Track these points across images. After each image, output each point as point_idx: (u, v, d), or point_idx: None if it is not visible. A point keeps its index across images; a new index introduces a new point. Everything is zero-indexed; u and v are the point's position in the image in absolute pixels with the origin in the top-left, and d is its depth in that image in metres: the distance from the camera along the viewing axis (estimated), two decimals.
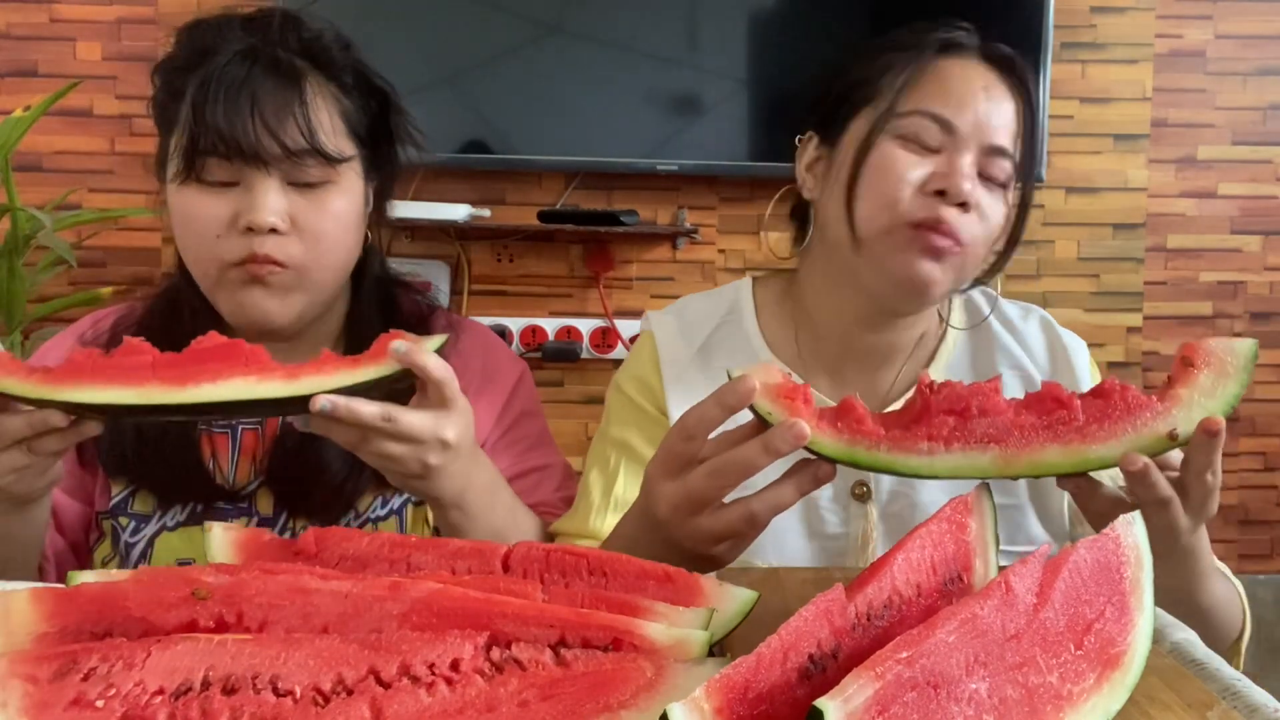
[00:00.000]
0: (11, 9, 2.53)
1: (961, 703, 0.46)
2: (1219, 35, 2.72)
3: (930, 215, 0.97)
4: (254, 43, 1.00)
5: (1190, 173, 2.75)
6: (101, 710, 0.47)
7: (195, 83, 0.98)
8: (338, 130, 1.03)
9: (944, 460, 0.72)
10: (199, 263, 1.02)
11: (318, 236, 1.00)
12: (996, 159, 1.01)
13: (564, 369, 2.65)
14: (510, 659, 0.52)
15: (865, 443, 0.73)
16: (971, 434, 0.73)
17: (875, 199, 1.00)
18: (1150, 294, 2.77)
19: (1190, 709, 0.55)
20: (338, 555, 0.67)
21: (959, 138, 1.00)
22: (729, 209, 2.65)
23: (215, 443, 1.07)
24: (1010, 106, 1.03)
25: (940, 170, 0.99)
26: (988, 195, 1.01)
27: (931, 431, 0.73)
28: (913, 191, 0.99)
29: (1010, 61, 1.05)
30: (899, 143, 1.01)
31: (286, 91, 0.99)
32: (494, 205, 2.58)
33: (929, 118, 1.00)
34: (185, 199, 1.00)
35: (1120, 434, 0.72)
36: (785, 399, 0.74)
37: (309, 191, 1.00)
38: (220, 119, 0.96)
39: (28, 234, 2.18)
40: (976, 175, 1.00)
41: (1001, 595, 0.52)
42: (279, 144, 0.97)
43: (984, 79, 1.03)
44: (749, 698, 0.45)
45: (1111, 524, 0.59)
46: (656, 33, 2.50)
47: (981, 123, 1.00)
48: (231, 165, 0.98)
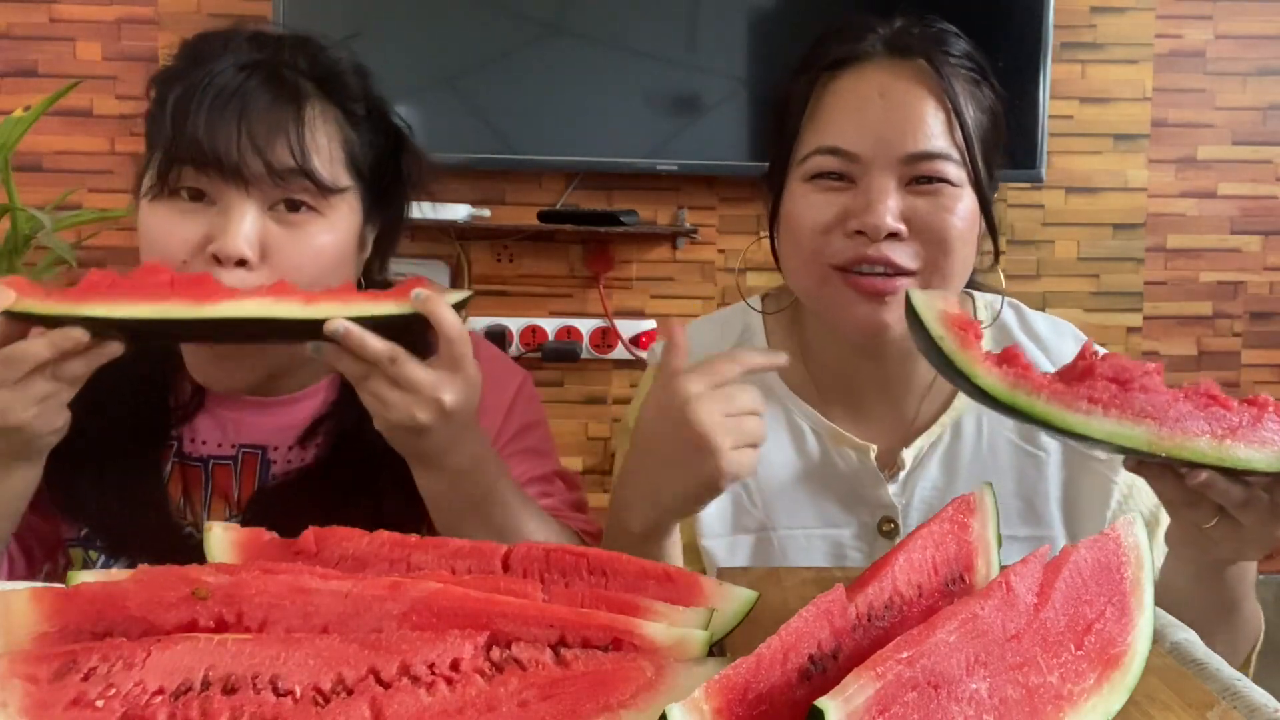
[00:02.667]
0: (11, 9, 2.53)
1: (962, 703, 0.46)
2: (1219, 35, 2.71)
3: (854, 257, 0.90)
4: (258, 57, 0.92)
5: (1190, 173, 2.75)
6: (101, 710, 0.47)
7: (180, 88, 0.89)
8: (335, 158, 0.93)
9: (1100, 423, 0.71)
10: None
11: (293, 273, 0.89)
12: (922, 163, 0.90)
13: (564, 369, 2.65)
14: (510, 659, 0.52)
15: (1027, 387, 0.72)
16: (1130, 405, 0.71)
17: (797, 253, 0.94)
18: (1150, 294, 2.77)
19: (1190, 709, 0.55)
20: (338, 555, 0.67)
21: (865, 163, 0.90)
22: (729, 209, 2.65)
23: (187, 477, 1.01)
24: (924, 100, 0.91)
25: (854, 207, 0.90)
26: (927, 200, 0.91)
27: (1093, 394, 0.72)
28: (830, 235, 0.91)
29: (915, 46, 0.93)
30: (810, 186, 0.93)
31: (282, 108, 0.90)
32: (494, 205, 2.58)
33: (827, 153, 0.92)
34: (154, 216, 0.91)
35: (1269, 443, 0.71)
36: (959, 328, 0.75)
37: (291, 220, 0.91)
38: (201, 127, 0.87)
39: (28, 234, 2.18)
40: (903, 190, 0.90)
41: (1002, 595, 0.52)
42: (263, 161, 0.88)
43: (880, 83, 0.92)
44: (749, 698, 0.45)
45: (1112, 524, 0.59)
46: (656, 33, 2.50)
47: (887, 136, 0.90)
48: (207, 180, 0.89)
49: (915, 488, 1.01)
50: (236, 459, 1.01)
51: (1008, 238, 2.70)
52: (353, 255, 0.98)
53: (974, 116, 0.94)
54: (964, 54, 0.95)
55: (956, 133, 0.91)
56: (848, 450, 1.02)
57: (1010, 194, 2.70)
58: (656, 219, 2.65)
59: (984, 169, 0.94)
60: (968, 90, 0.94)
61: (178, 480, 1.01)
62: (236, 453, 1.01)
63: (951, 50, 0.94)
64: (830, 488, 1.02)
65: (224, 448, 1.02)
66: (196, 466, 1.01)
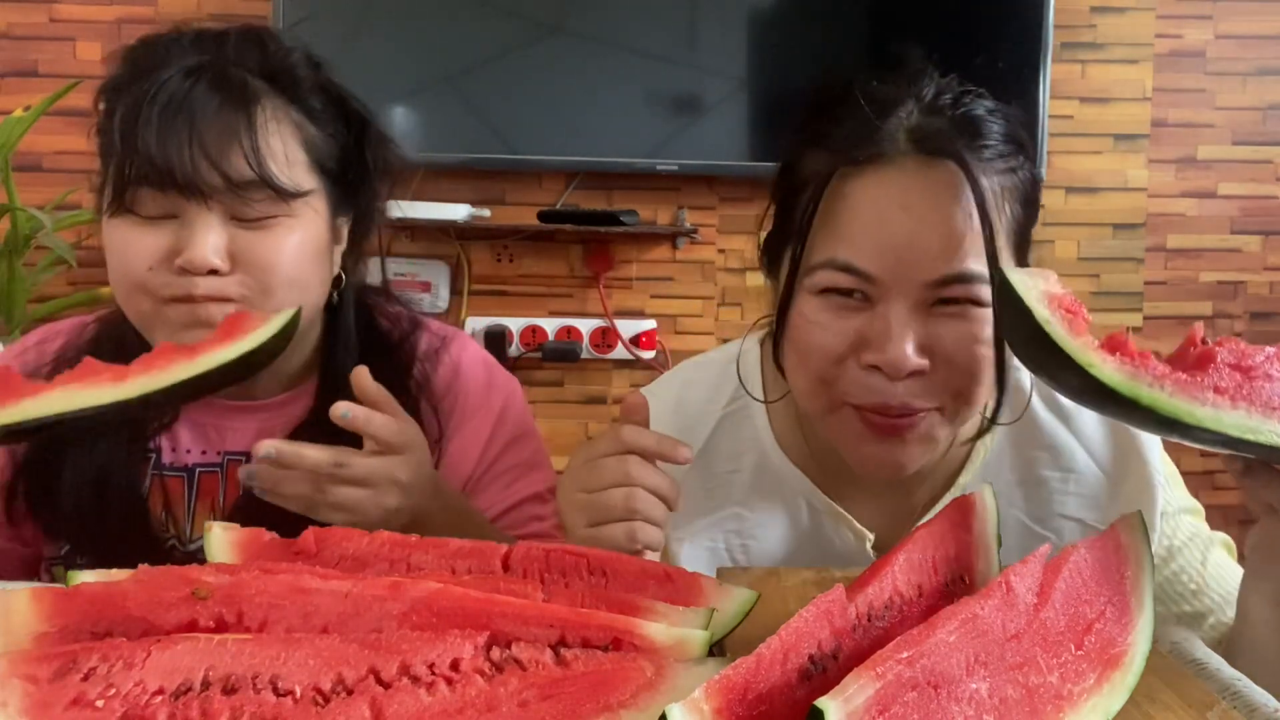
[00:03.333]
0: (11, 9, 2.53)
1: (962, 702, 0.46)
2: (1219, 35, 2.71)
3: (874, 399, 0.80)
4: (203, 60, 0.88)
5: (1190, 173, 2.75)
6: (101, 710, 0.47)
7: (128, 102, 0.87)
8: (295, 161, 0.90)
9: (1231, 417, 0.61)
10: (130, 300, 0.90)
11: (265, 274, 0.88)
12: (950, 287, 0.79)
13: (564, 369, 2.65)
14: (510, 659, 0.52)
15: (1148, 378, 0.62)
16: (1259, 396, 0.62)
17: (805, 374, 0.84)
18: (1150, 294, 2.77)
19: (1190, 709, 0.55)
20: (338, 555, 0.67)
21: (883, 287, 0.79)
22: (729, 209, 2.65)
23: (168, 489, 0.98)
24: (954, 215, 0.78)
25: (870, 333, 0.79)
26: (952, 326, 0.80)
27: (1219, 383, 0.63)
28: (844, 364, 0.81)
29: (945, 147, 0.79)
30: (820, 303, 0.81)
31: (232, 114, 0.86)
32: (494, 205, 2.57)
33: (840, 269, 0.80)
34: (116, 232, 0.89)
35: None
36: (1066, 311, 0.65)
37: (257, 227, 0.88)
38: (153, 144, 0.84)
39: (28, 234, 2.18)
40: (927, 313, 0.79)
41: (1002, 595, 0.52)
42: (220, 174, 0.85)
43: (904, 193, 0.79)
44: (749, 698, 0.45)
45: (1112, 524, 0.59)
46: (656, 33, 2.50)
47: (908, 258, 0.78)
48: (165, 197, 0.86)
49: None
50: (222, 466, 1.00)
51: None
52: (325, 250, 0.95)
53: (1008, 216, 0.82)
54: (1001, 138, 0.82)
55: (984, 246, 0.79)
56: (845, 532, 0.95)
57: None
58: (656, 219, 2.65)
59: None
60: (1002, 185, 0.82)
61: (158, 493, 0.99)
62: (222, 460, 1.00)
63: (987, 140, 0.81)
64: (824, 563, 0.95)
65: (209, 455, 1.00)
66: (179, 476, 1.00)
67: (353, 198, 0.98)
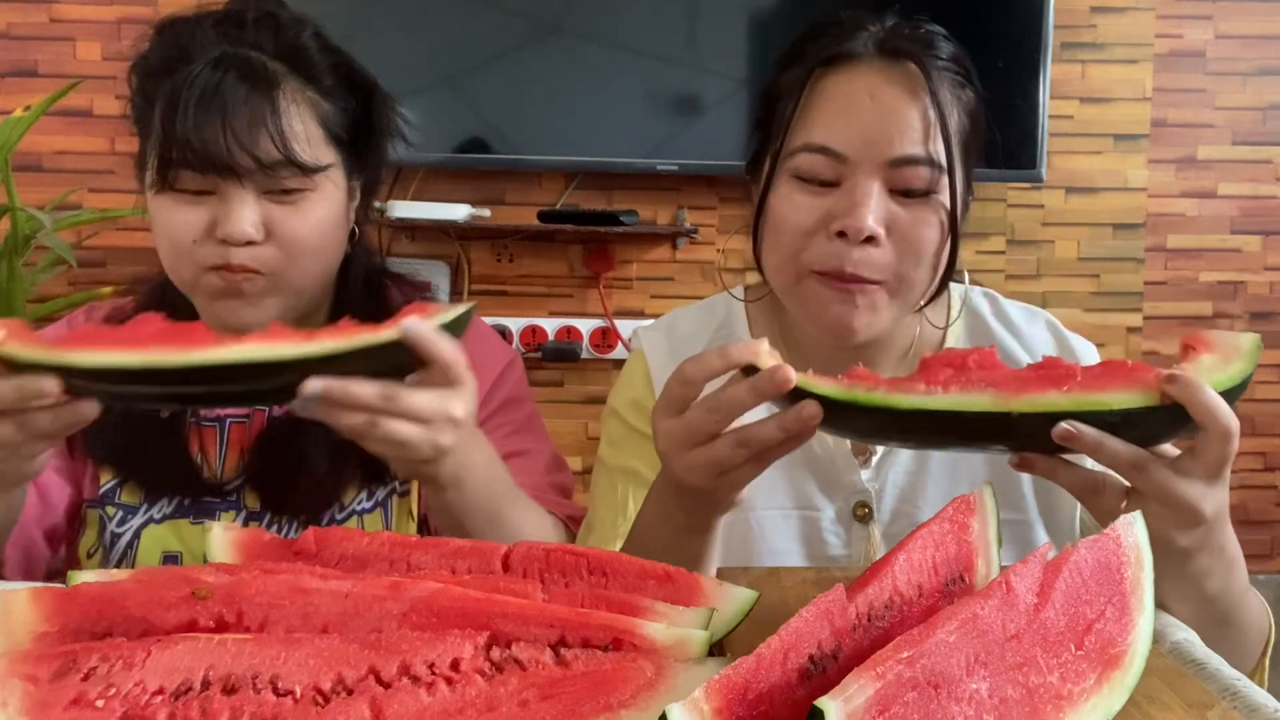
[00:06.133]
0: (11, 9, 2.53)
1: (962, 703, 0.46)
2: (1219, 35, 2.72)
3: (833, 263, 0.92)
4: (226, 48, 0.97)
5: (1190, 173, 2.75)
6: (101, 710, 0.47)
7: (166, 92, 0.96)
8: (314, 138, 1.00)
9: (941, 398, 0.71)
10: (176, 269, 1.01)
11: (294, 244, 0.98)
12: (906, 169, 0.92)
13: (564, 369, 2.65)
14: (510, 659, 0.52)
15: (863, 386, 0.73)
16: (970, 380, 0.72)
17: (777, 250, 0.96)
18: (1150, 294, 2.77)
19: (1190, 709, 0.55)
20: (338, 555, 0.67)
21: (852, 164, 0.92)
22: (729, 209, 2.65)
23: (203, 436, 1.07)
24: (912, 105, 0.92)
25: (837, 209, 0.92)
26: (909, 210, 0.92)
27: (930, 378, 0.72)
28: (812, 237, 0.93)
29: (906, 49, 0.94)
30: (795, 185, 0.94)
31: (259, 101, 0.96)
32: (494, 205, 2.58)
33: (815, 151, 0.93)
34: (161, 207, 0.99)
35: (1121, 388, 0.70)
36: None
37: (286, 200, 0.98)
38: (191, 132, 0.94)
39: (28, 234, 2.18)
40: (886, 195, 0.92)
41: (1002, 595, 0.52)
42: (251, 157, 0.95)
43: (870, 85, 0.93)
44: (749, 698, 0.45)
45: (1112, 524, 0.59)
46: (656, 33, 2.50)
47: (874, 139, 0.91)
48: (204, 177, 0.96)
49: (888, 473, 1.02)
50: (249, 417, 1.08)
51: (1008, 237, 2.70)
52: (343, 216, 1.05)
53: (957, 120, 0.95)
54: (951, 57, 0.97)
55: (939, 140, 0.92)
56: (824, 434, 1.00)
57: (1010, 194, 2.70)
58: (656, 219, 2.65)
59: (961, 173, 0.95)
60: (953, 94, 0.95)
61: (194, 439, 1.07)
62: (249, 411, 1.08)
63: (940, 53, 0.96)
64: (807, 470, 1.03)
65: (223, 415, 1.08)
66: (212, 426, 1.08)
67: (363, 160, 1.08)
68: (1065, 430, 0.69)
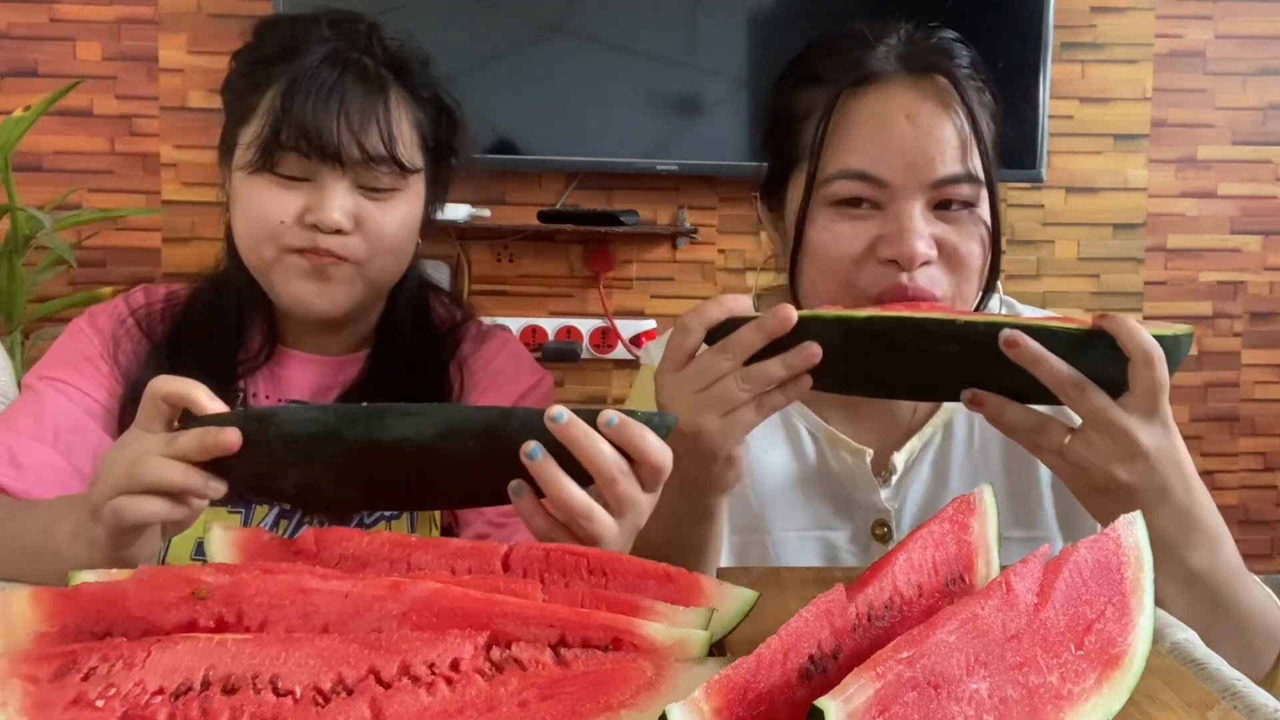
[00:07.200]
0: (11, 9, 2.53)
1: (962, 703, 0.46)
2: (1219, 35, 2.72)
3: (891, 288, 0.89)
4: (341, 47, 1.04)
5: (1190, 173, 2.75)
6: (101, 710, 0.47)
7: (286, 77, 1.01)
8: (412, 142, 1.07)
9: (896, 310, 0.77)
10: (258, 247, 1.04)
11: (380, 239, 1.04)
12: (949, 187, 0.90)
13: (564, 369, 2.65)
14: (510, 659, 0.52)
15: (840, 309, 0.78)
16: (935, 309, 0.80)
17: (827, 281, 0.92)
18: (1150, 294, 2.77)
19: (1190, 709, 0.55)
20: (338, 555, 0.67)
21: (894, 189, 0.89)
22: (729, 209, 2.65)
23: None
24: (947, 121, 0.90)
25: (886, 233, 0.89)
26: (954, 227, 0.91)
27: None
28: (863, 264, 0.90)
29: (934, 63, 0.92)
30: (834, 213, 0.91)
31: (372, 99, 1.02)
32: (494, 205, 2.58)
33: (853, 178, 0.89)
34: (255, 188, 1.03)
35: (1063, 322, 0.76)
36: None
37: (377, 197, 1.04)
38: (308, 116, 0.99)
39: (28, 234, 2.18)
40: (931, 215, 0.90)
41: (1002, 595, 0.52)
42: (359, 148, 1.01)
43: (905, 104, 0.90)
44: (749, 698, 0.45)
45: (1112, 524, 0.59)
46: (656, 33, 2.50)
47: (914, 161, 0.88)
48: (308, 162, 1.01)
49: (908, 491, 1.01)
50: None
51: (1008, 238, 2.70)
52: (419, 224, 1.11)
53: (985, 126, 0.93)
54: (971, 63, 0.95)
55: (975, 153, 0.91)
56: (843, 453, 1.01)
57: (1010, 194, 2.70)
58: (656, 219, 2.65)
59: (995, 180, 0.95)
60: (979, 101, 0.94)
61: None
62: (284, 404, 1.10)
63: (962, 62, 0.94)
64: (825, 491, 1.02)
65: (272, 399, 1.12)
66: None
67: (438, 175, 1.15)
68: (1009, 336, 0.72)
